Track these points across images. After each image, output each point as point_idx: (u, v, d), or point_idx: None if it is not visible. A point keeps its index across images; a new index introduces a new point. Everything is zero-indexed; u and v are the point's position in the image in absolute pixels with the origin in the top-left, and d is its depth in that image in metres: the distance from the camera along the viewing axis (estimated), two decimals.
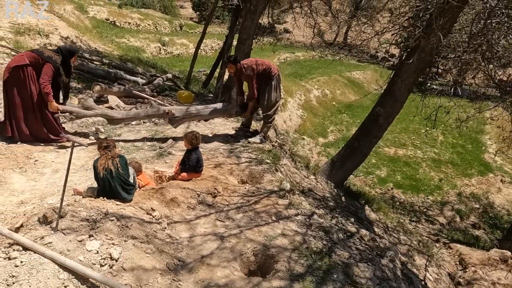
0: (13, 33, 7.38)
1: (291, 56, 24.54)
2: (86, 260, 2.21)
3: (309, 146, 12.10)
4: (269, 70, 5.07)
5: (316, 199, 4.53)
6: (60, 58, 4.47)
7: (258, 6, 6.76)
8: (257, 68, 4.98)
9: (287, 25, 29.98)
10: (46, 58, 4.37)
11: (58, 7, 12.57)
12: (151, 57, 15.21)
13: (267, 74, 5.04)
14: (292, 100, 15.19)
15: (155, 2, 29.48)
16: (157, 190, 3.54)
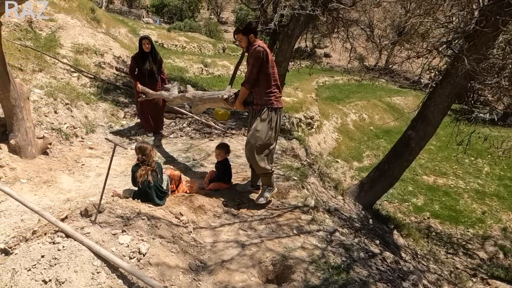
0: (74, 52, 8.25)
1: (330, 80, 24.65)
2: (117, 252, 2.44)
3: (343, 169, 11.96)
4: (275, 91, 3.57)
5: (341, 218, 4.52)
6: (139, 50, 5.73)
7: (295, 31, 7.05)
8: (268, 64, 3.46)
9: (327, 49, 30.28)
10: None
11: (113, 30, 13.81)
12: (193, 77, 16.04)
13: (269, 93, 3.52)
14: (328, 123, 15.20)
15: (201, 27, 31.23)
16: (187, 197, 3.78)
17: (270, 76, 3.51)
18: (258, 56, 3.38)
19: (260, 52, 3.38)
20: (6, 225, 3.05)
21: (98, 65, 8.48)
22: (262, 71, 3.46)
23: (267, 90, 3.52)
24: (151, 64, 5.68)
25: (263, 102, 3.54)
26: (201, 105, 4.42)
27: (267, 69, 3.47)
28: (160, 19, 32.28)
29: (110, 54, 9.34)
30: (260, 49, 3.39)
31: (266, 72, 3.48)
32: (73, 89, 6.56)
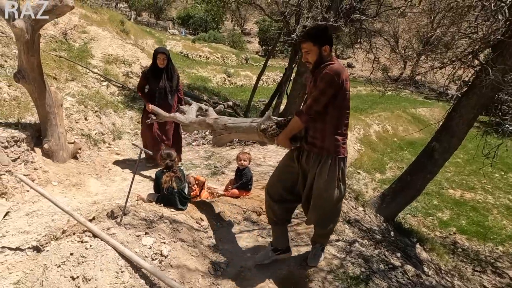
0: (104, 62, 8.65)
1: (352, 91, 24.30)
2: (140, 252, 2.54)
3: (365, 181, 11.75)
4: (345, 133, 2.55)
5: (361, 230, 4.46)
6: (152, 64, 4.82)
7: None
8: (344, 95, 2.41)
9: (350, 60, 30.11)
10: None
11: (141, 41, 14.36)
12: (216, 86, 16.34)
13: (339, 134, 2.49)
14: (350, 133, 15.01)
15: (225, 38, 31.85)
16: (208, 203, 3.86)
17: (344, 111, 2.43)
18: (334, 81, 2.28)
19: (339, 75, 2.29)
20: (38, 224, 3.23)
21: (126, 74, 8.84)
22: (333, 103, 2.37)
23: (337, 130, 2.44)
24: (165, 81, 4.77)
25: (328, 147, 2.45)
26: (226, 134, 3.30)
27: (343, 100, 2.39)
28: (185, 30, 33.21)
29: (137, 64, 9.72)
30: (338, 71, 2.29)
31: (340, 105, 2.40)
32: (102, 97, 6.87)
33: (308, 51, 2.40)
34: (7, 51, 5.85)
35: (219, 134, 3.36)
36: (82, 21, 9.81)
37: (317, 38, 2.36)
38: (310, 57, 2.41)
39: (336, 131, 2.44)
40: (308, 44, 2.39)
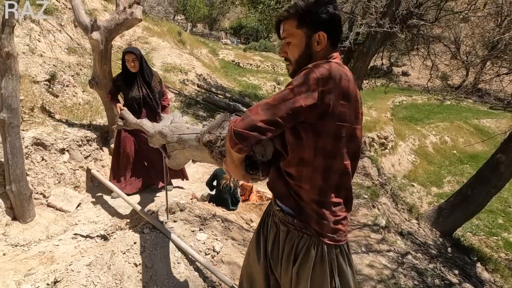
0: (163, 70, 9.25)
1: (408, 99, 23.34)
2: (195, 247, 2.70)
3: (419, 194, 11.13)
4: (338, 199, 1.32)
5: (415, 243, 4.27)
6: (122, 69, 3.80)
7: (371, 49, 6.98)
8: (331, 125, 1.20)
9: (406, 67, 28.82)
10: None
11: (196, 50, 15.08)
12: (266, 94, 16.59)
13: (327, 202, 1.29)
14: (404, 144, 14.35)
15: (276, 46, 32.24)
16: (257, 205, 3.97)
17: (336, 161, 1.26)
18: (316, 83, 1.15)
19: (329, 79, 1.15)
20: (105, 215, 3.55)
21: (182, 82, 9.36)
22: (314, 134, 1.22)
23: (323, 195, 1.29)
24: (141, 89, 3.71)
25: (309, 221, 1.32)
26: (179, 151, 2.09)
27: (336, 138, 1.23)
28: (237, 40, 34.22)
29: (193, 72, 10.25)
30: (330, 73, 1.15)
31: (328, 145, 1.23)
32: None
33: (289, 39, 1.32)
34: (82, 60, 6.51)
35: (172, 150, 2.14)
36: (145, 32, 10.60)
37: (306, 15, 1.25)
38: (291, 50, 1.33)
39: (321, 197, 1.27)
40: (289, 24, 1.30)
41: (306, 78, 1.15)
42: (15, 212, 3.06)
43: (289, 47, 1.33)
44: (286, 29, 1.33)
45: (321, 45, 1.27)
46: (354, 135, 1.26)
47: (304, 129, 1.20)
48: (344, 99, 1.17)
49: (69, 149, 3.96)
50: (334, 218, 1.29)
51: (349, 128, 1.22)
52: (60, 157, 3.80)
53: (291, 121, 1.16)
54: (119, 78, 3.77)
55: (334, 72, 1.16)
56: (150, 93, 3.77)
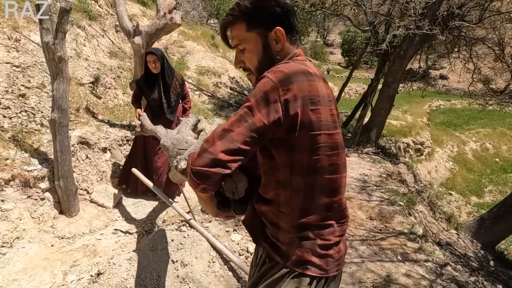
0: (197, 73, 9.48)
1: (446, 104, 22.37)
2: (229, 247, 2.75)
3: (457, 203, 10.62)
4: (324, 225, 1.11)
5: (454, 254, 4.08)
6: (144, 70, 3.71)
7: (408, 51, 6.77)
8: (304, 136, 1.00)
9: (444, 70, 27.64)
10: None
11: (228, 53, 15.30)
12: None
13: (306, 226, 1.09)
14: (441, 150, 13.76)
15: (307, 49, 32.05)
16: None
17: (318, 177, 1.06)
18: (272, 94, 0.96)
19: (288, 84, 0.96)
20: (142, 213, 3.69)
21: (216, 84, 9.54)
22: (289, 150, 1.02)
23: (303, 218, 1.09)
24: (161, 91, 3.60)
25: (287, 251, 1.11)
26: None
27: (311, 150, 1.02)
28: None
29: (226, 75, 10.41)
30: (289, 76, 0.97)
31: (304, 160, 1.03)
32: (195, 105, 7.53)
33: (241, 46, 1.13)
34: (122, 63, 6.82)
35: (172, 164, 1.75)
36: (180, 36, 10.91)
37: (255, 14, 1.07)
38: (247, 58, 1.14)
39: (304, 220, 1.08)
40: (237, 28, 1.11)
41: (263, 90, 0.95)
42: (61, 207, 3.26)
43: (245, 54, 1.13)
44: (235, 35, 1.13)
45: (281, 42, 1.09)
46: (335, 143, 1.05)
47: (275, 146, 1.02)
48: (313, 103, 0.97)
49: (110, 148, 4.16)
50: (322, 242, 1.08)
51: (327, 136, 1.02)
52: (103, 156, 4.01)
53: (257, 144, 0.97)
54: (142, 80, 3.69)
55: (295, 74, 0.97)
56: (166, 97, 3.63)
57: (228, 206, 1.20)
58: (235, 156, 0.94)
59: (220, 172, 0.95)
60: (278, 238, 1.12)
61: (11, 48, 4.46)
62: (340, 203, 1.13)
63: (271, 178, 1.09)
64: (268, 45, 1.09)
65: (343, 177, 1.13)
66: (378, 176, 5.58)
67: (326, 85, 1.09)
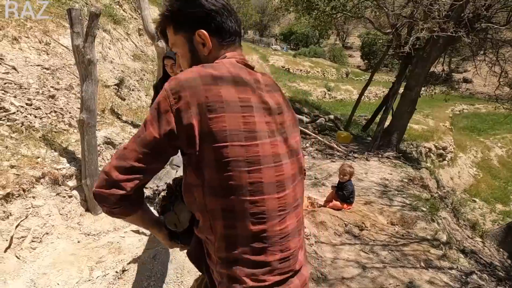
0: None
1: (469, 108, 21.77)
2: None
3: (482, 210, 10.29)
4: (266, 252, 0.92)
5: (479, 263, 3.97)
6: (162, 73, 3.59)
7: (432, 54, 6.64)
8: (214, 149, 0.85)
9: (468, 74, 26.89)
10: None
11: (247, 56, 15.40)
12: (316, 100, 16.44)
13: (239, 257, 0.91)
14: (465, 156, 13.38)
15: (326, 52, 31.87)
16: (309, 212, 3.95)
17: (240, 196, 0.88)
18: (164, 104, 0.87)
19: (180, 90, 0.86)
20: None
21: None
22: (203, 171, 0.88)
23: (231, 248, 0.90)
24: None
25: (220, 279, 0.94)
26: None
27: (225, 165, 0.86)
28: (287, 45, 34.36)
29: None
30: (186, 82, 0.87)
31: (216, 178, 0.87)
32: None
33: (174, 49, 1.07)
34: (145, 66, 6.99)
35: None
36: None
37: (176, 16, 1.01)
38: (181, 62, 1.07)
39: (230, 252, 0.91)
40: (169, 31, 1.05)
41: (157, 101, 0.87)
42: (88, 204, 3.36)
43: (180, 58, 1.06)
44: (169, 37, 1.05)
45: (207, 46, 0.98)
46: (255, 157, 0.87)
47: (188, 162, 0.89)
48: (213, 111, 0.83)
49: None
50: (253, 284, 0.88)
51: (240, 148, 0.85)
52: None
53: (153, 160, 0.87)
54: (159, 84, 3.57)
55: (190, 80, 0.86)
56: None
57: (176, 238, 1.10)
58: (129, 175, 0.85)
59: (115, 193, 0.86)
60: (213, 271, 0.95)
61: (42, 51, 4.64)
62: (278, 233, 0.91)
63: (190, 197, 0.94)
64: (195, 49, 1.00)
65: (279, 198, 0.91)
66: (400, 181, 5.49)
67: (245, 89, 0.90)
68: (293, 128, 1.03)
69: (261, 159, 0.87)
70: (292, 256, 0.94)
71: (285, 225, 0.92)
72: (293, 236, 0.95)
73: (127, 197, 0.87)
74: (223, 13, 0.98)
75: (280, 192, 0.91)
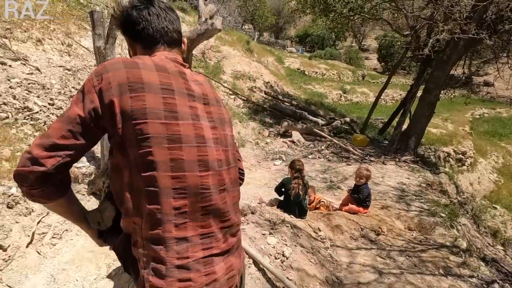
0: (233, 78, 9.63)
1: (490, 112, 21.18)
2: (265, 250, 2.76)
3: (503, 218, 9.95)
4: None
5: (501, 271, 3.84)
6: None
7: (452, 56, 6.50)
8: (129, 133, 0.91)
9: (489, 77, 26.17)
10: None
11: (263, 58, 15.43)
12: (331, 102, 16.31)
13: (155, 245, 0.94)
14: (485, 161, 13.01)
15: (342, 54, 31.59)
16: (325, 215, 3.91)
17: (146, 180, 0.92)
18: (88, 87, 0.93)
19: (100, 75, 0.94)
20: None
21: (251, 89, 9.64)
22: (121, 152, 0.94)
23: (155, 219, 0.93)
24: None
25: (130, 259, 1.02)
26: None
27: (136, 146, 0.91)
28: (302, 48, 34.22)
29: (261, 80, 10.50)
30: (103, 70, 0.95)
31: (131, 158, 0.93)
32: (230, 109, 7.65)
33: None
34: None
35: None
36: (217, 42, 11.16)
37: (117, 20, 1.12)
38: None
39: (155, 230, 0.92)
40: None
41: (83, 84, 0.95)
42: None
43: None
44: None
45: (133, 49, 1.12)
46: (177, 135, 0.92)
47: (113, 144, 0.94)
48: (133, 90, 0.89)
49: None
50: (179, 263, 0.90)
51: (161, 125, 0.90)
52: None
53: (77, 138, 0.90)
54: None
55: (114, 64, 0.94)
56: None
57: (101, 236, 1.10)
58: (51, 152, 0.88)
59: (35, 170, 0.87)
60: (140, 259, 0.95)
61: (64, 52, 4.77)
62: (199, 209, 0.95)
63: (119, 181, 0.96)
64: (131, 52, 1.14)
65: (201, 176, 0.96)
66: (417, 185, 5.38)
67: (168, 75, 0.97)
68: (223, 123, 1.10)
69: (182, 138, 0.93)
70: (214, 234, 0.98)
71: (208, 203, 0.97)
72: (216, 216, 0.99)
73: (48, 176, 0.89)
74: (140, 22, 1.06)
75: (203, 172, 0.96)
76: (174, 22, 1.12)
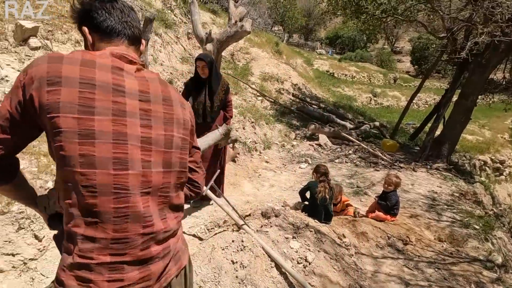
0: (260, 79, 9.66)
1: None
2: (288, 254, 2.74)
3: None
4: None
5: None
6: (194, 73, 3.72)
7: (492, 60, 6.18)
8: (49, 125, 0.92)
9: None
10: None
11: (292, 60, 15.36)
12: (361, 106, 15.96)
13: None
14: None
15: (373, 57, 30.85)
16: (350, 221, 3.83)
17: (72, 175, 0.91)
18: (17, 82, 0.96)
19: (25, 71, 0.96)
20: (205, 212, 3.85)
21: (278, 91, 9.63)
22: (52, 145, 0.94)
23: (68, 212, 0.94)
24: (205, 96, 3.61)
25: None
26: None
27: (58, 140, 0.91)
28: (332, 50, 33.77)
29: (288, 82, 10.46)
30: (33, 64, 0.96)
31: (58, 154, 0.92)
32: (257, 110, 7.67)
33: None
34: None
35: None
36: (246, 43, 11.23)
37: (73, 11, 1.12)
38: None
39: (67, 224, 0.94)
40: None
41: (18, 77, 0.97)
42: None
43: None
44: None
45: (88, 40, 1.09)
46: (90, 131, 0.90)
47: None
48: (51, 84, 0.89)
49: None
50: (81, 261, 0.90)
51: (73, 120, 0.88)
52: None
53: (7, 132, 0.94)
54: (190, 83, 3.72)
55: (40, 58, 0.94)
56: (210, 102, 3.63)
57: (54, 225, 1.14)
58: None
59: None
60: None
61: None
62: (113, 211, 0.91)
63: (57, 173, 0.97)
64: (85, 42, 1.11)
65: (115, 175, 0.92)
66: (450, 194, 5.15)
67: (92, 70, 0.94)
68: (169, 123, 1.05)
69: (96, 133, 0.90)
70: (130, 240, 0.94)
71: (124, 205, 0.93)
72: (136, 220, 0.95)
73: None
74: (102, 13, 1.07)
75: (118, 170, 0.93)
76: (136, 21, 1.13)
